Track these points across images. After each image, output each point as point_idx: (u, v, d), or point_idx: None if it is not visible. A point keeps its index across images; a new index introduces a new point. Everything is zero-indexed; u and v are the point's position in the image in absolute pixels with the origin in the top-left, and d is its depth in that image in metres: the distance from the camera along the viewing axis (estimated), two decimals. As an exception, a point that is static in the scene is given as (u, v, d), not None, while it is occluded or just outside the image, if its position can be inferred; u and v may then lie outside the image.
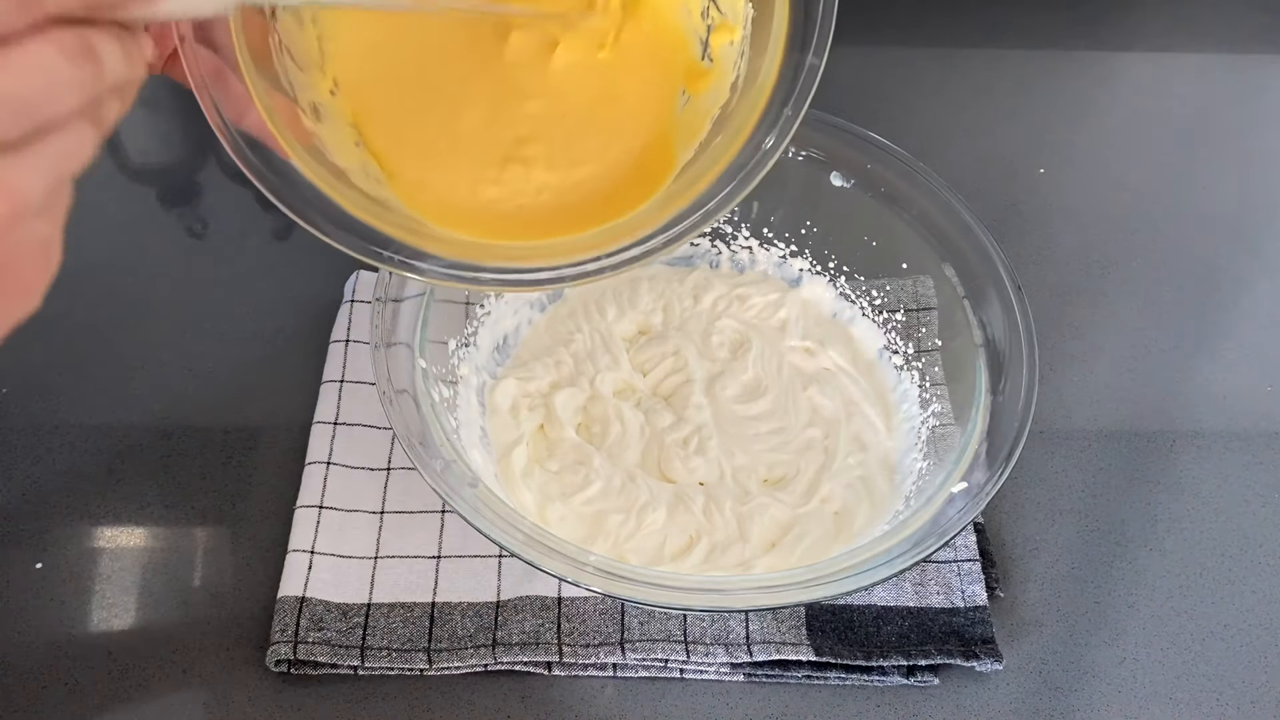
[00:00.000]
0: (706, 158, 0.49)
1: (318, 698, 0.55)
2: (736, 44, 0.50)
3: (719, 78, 0.50)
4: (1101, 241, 0.76)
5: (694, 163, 0.49)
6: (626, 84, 0.51)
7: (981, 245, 0.62)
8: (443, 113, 0.49)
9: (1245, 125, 0.85)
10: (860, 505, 0.60)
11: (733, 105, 0.49)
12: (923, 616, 0.57)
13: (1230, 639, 0.58)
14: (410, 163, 0.49)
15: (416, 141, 0.49)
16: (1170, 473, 0.65)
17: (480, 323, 0.64)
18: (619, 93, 0.50)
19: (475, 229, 0.49)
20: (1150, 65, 0.89)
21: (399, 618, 0.56)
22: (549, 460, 0.62)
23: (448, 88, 0.50)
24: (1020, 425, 0.55)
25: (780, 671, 0.55)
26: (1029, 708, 0.55)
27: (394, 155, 0.49)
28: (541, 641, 0.55)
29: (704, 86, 0.51)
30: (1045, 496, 0.63)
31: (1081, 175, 0.81)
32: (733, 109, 0.49)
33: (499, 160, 0.49)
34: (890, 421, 0.64)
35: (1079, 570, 0.60)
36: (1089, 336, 0.71)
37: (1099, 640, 0.58)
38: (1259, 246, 0.77)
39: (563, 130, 0.50)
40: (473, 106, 0.49)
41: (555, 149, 0.49)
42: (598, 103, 0.50)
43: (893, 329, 0.66)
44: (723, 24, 0.50)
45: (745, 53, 0.49)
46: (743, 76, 0.49)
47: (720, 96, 0.50)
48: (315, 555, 0.58)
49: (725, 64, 0.50)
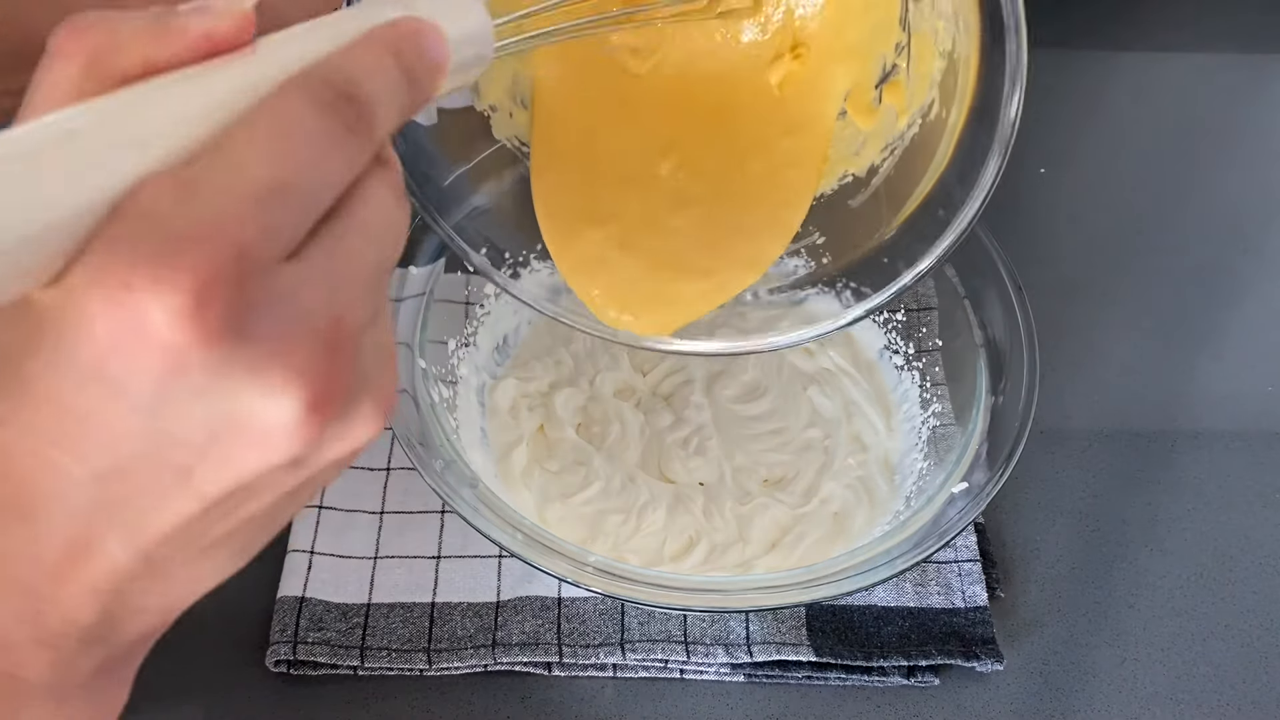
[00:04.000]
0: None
1: (317, 698, 0.55)
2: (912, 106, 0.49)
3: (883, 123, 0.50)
4: (1101, 241, 0.76)
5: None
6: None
7: (981, 245, 0.62)
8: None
9: (1245, 125, 0.85)
10: (860, 506, 0.60)
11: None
12: (923, 617, 0.57)
13: (1231, 639, 0.58)
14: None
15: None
16: (1171, 473, 0.65)
17: (480, 323, 0.64)
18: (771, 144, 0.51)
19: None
20: (1150, 65, 0.89)
21: (399, 618, 0.56)
22: (549, 461, 0.62)
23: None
24: (1021, 425, 0.55)
25: (780, 672, 0.55)
26: (1030, 708, 0.55)
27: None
28: (541, 642, 0.55)
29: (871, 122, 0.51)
30: (1046, 496, 0.63)
31: (1081, 175, 0.81)
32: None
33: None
34: (890, 422, 0.64)
35: (1079, 570, 0.60)
36: (1089, 336, 0.71)
37: (1100, 640, 0.58)
38: (1259, 246, 0.77)
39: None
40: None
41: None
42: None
43: (893, 329, 0.66)
44: (898, 83, 0.50)
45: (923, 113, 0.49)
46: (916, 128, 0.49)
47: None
48: (315, 555, 0.58)
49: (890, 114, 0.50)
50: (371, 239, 0.26)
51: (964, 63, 0.46)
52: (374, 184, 0.27)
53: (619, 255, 0.50)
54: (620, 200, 0.51)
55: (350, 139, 0.25)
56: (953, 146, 0.47)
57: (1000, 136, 0.44)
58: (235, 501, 0.26)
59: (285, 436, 0.25)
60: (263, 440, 0.25)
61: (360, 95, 0.26)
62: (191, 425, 0.24)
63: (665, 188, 0.51)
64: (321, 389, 0.25)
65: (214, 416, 0.24)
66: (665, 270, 0.50)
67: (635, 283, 0.50)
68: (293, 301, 0.24)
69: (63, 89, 0.25)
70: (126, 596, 0.27)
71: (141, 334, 0.23)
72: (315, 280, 0.25)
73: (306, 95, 0.25)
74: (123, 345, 0.23)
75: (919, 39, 0.48)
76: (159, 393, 0.24)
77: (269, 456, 0.25)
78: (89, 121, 0.24)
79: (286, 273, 0.24)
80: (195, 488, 0.25)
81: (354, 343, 0.26)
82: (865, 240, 0.52)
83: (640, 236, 0.51)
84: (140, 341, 0.23)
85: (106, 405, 0.24)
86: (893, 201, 0.51)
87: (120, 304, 0.23)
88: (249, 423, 0.25)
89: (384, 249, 0.27)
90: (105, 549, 0.26)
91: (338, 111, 0.25)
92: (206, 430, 0.25)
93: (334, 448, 0.27)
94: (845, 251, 0.53)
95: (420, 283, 0.60)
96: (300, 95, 0.25)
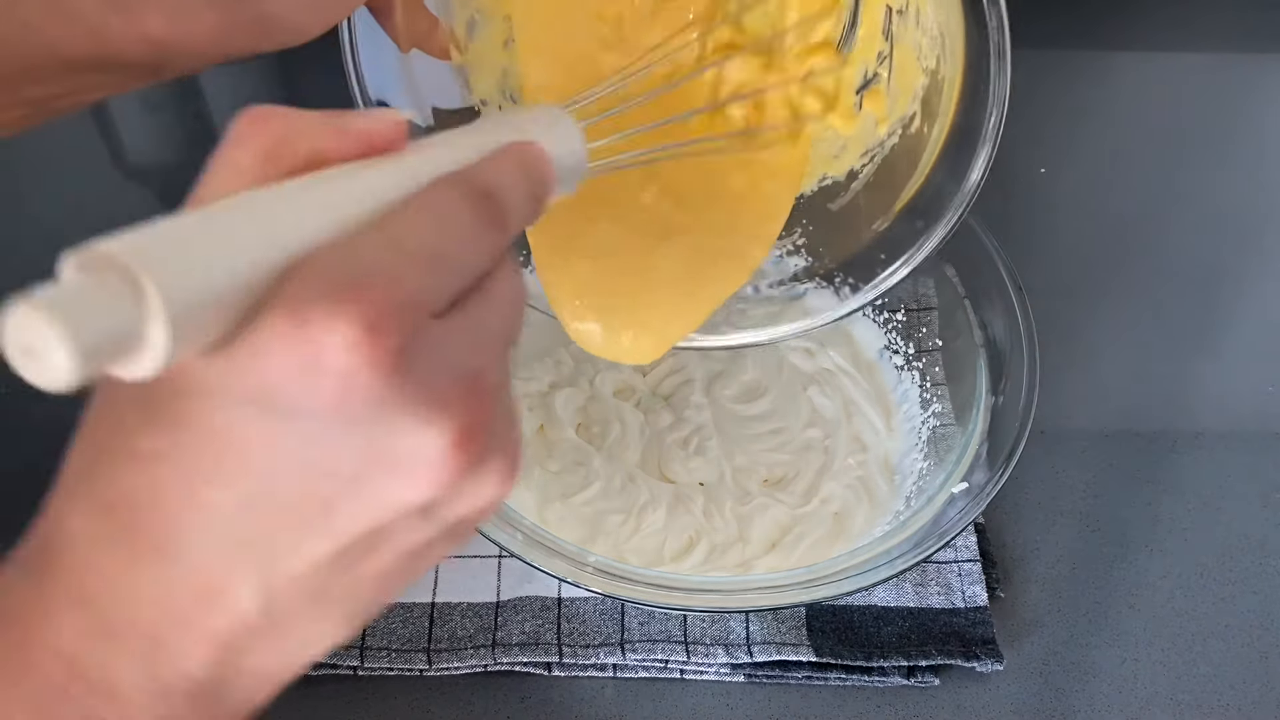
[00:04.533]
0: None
1: (317, 698, 0.55)
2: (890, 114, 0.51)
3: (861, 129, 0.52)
4: (1101, 241, 0.76)
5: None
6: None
7: (981, 245, 0.62)
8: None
9: (1245, 125, 0.85)
10: (860, 506, 0.60)
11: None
12: (923, 617, 0.57)
13: (1231, 639, 0.58)
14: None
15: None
16: (1170, 473, 0.65)
17: (480, 323, 0.64)
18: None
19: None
20: (1150, 65, 0.89)
21: (398, 618, 0.56)
22: (549, 461, 0.62)
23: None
24: (1021, 425, 0.55)
25: (780, 672, 0.55)
26: (1030, 708, 0.55)
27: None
28: (541, 642, 0.55)
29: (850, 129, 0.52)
30: (1046, 497, 0.63)
31: (1081, 175, 0.81)
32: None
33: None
34: (890, 422, 0.64)
35: (1079, 571, 0.60)
36: (1089, 336, 0.71)
37: (1100, 641, 0.58)
38: (1259, 247, 0.77)
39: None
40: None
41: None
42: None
43: (893, 329, 0.66)
44: (877, 91, 0.51)
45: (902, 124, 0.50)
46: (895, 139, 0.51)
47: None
48: (315, 556, 0.58)
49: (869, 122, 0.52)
50: (502, 313, 0.30)
51: (948, 82, 0.47)
52: (504, 269, 0.30)
53: (609, 288, 0.52)
54: (608, 233, 0.52)
55: (491, 230, 0.29)
56: (933, 161, 0.48)
57: (978, 160, 0.46)
58: (366, 547, 0.28)
59: (427, 473, 0.27)
60: (406, 475, 0.27)
61: (499, 196, 0.30)
62: (343, 457, 0.26)
63: (650, 215, 0.52)
64: (467, 426, 0.27)
65: (367, 448, 0.26)
66: (654, 295, 0.52)
67: (625, 312, 0.51)
68: (445, 350, 0.27)
69: (243, 171, 0.28)
70: (241, 653, 0.28)
71: (315, 361, 0.25)
72: (462, 337, 0.28)
73: (456, 189, 0.29)
74: (296, 373, 0.25)
75: (901, 51, 0.49)
76: (321, 421, 0.26)
77: (409, 494, 0.27)
78: (268, 200, 0.27)
79: (438, 326, 0.27)
80: (334, 526, 0.27)
81: (493, 397, 0.28)
82: (848, 243, 0.53)
83: (628, 268, 0.52)
84: (313, 369, 0.25)
85: (270, 434, 0.26)
86: (872, 208, 0.52)
87: (297, 337, 0.25)
88: (398, 454, 0.26)
89: (511, 322, 0.30)
90: (234, 593, 0.27)
91: (483, 207, 0.29)
92: (357, 463, 0.26)
93: (464, 501, 0.29)
94: (831, 251, 0.54)
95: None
96: (451, 189, 0.29)
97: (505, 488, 0.29)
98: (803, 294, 0.58)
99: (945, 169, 0.48)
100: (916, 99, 0.49)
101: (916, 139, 0.49)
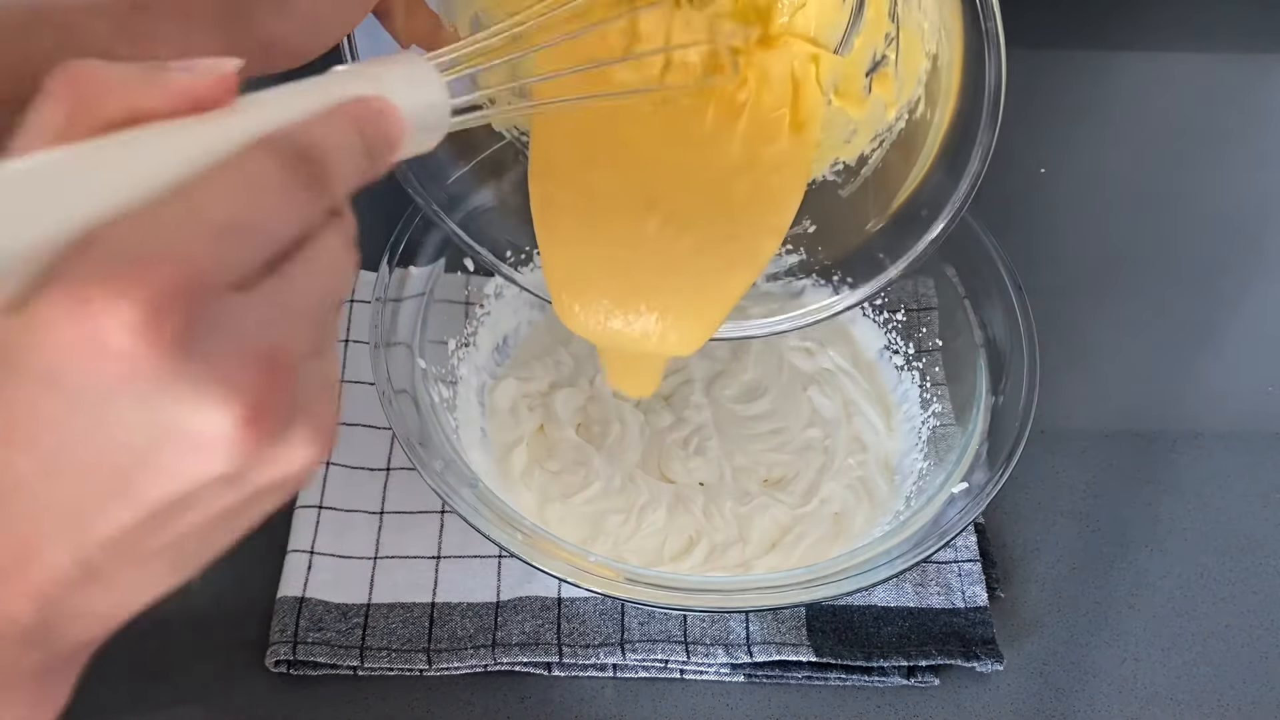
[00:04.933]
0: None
1: (317, 698, 0.55)
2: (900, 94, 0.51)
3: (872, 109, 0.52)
4: (1101, 241, 0.76)
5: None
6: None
7: (981, 245, 0.62)
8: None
9: (1245, 125, 0.85)
10: (860, 506, 0.60)
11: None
12: (923, 617, 0.57)
13: (1231, 639, 0.58)
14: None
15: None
16: (1171, 473, 0.65)
17: (480, 323, 0.64)
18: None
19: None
20: (1150, 65, 0.89)
21: (398, 618, 0.56)
22: (549, 460, 0.62)
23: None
24: (1021, 425, 0.55)
25: (780, 672, 0.55)
26: (1030, 708, 0.55)
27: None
28: (541, 642, 0.55)
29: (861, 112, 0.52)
30: (1046, 497, 0.63)
31: (1081, 175, 0.81)
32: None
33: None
34: (890, 422, 0.64)
35: (1079, 571, 0.60)
36: (1089, 336, 0.71)
37: (1100, 641, 0.58)
38: (1259, 246, 0.77)
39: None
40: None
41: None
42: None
43: (893, 329, 0.66)
44: (885, 74, 0.51)
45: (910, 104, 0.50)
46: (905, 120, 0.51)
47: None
48: (315, 555, 0.58)
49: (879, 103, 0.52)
50: (318, 279, 0.29)
51: (947, 68, 0.47)
52: (326, 233, 0.29)
53: (623, 294, 0.52)
54: (617, 235, 0.53)
55: (305, 193, 0.28)
56: (937, 147, 0.48)
57: (980, 144, 0.46)
58: (173, 512, 0.28)
59: (220, 448, 0.27)
60: (199, 450, 0.27)
61: (320, 158, 0.29)
62: (135, 433, 0.26)
63: (659, 216, 0.52)
64: (256, 405, 0.27)
65: (156, 425, 0.26)
66: (680, 288, 0.52)
67: (651, 306, 0.52)
68: (237, 325, 0.27)
69: (49, 129, 0.27)
70: (65, 602, 0.28)
71: (96, 343, 0.25)
72: (260, 309, 0.27)
73: (271, 152, 0.28)
74: (78, 353, 0.25)
75: (907, 34, 0.49)
76: (108, 399, 0.26)
77: (205, 468, 0.27)
78: (63, 162, 0.26)
79: (235, 300, 0.27)
80: (136, 495, 0.27)
81: (292, 370, 0.28)
82: (856, 231, 0.53)
83: (639, 271, 0.52)
84: (95, 350, 0.25)
85: (60, 410, 0.26)
86: (880, 194, 0.52)
87: (78, 316, 0.25)
88: (187, 433, 0.26)
89: (330, 289, 0.30)
90: (49, 554, 0.27)
91: (297, 169, 0.28)
92: (148, 438, 0.26)
93: (270, 469, 0.29)
94: (837, 242, 0.54)
95: (420, 283, 0.60)
96: (265, 152, 0.28)
97: (313, 453, 0.29)
98: (800, 292, 0.59)
99: (948, 155, 0.48)
100: (921, 83, 0.49)
101: (921, 124, 0.49)
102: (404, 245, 0.60)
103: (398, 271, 0.59)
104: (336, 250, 0.30)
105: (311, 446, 0.29)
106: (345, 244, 0.30)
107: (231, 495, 0.29)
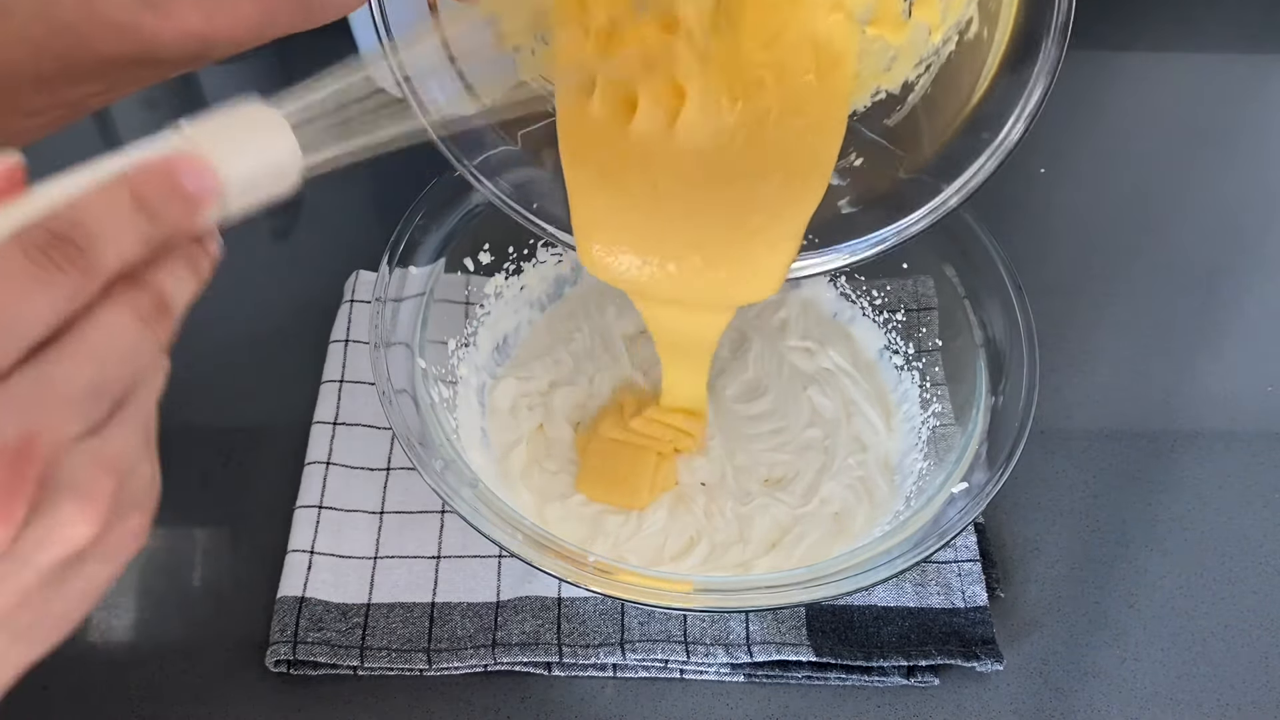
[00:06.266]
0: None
1: (317, 698, 0.55)
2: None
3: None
4: (1101, 241, 0.76)
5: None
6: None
7: (981, 245, 0.62)
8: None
9: (1245, 125, 0.85)
10: (860, 506, 0.60)
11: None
12: (923, 617, 0.57)
13: (1231, 639, 0.58)
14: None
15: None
16: (1170, 473, 0.65)
17: (480, 323, 0.64)
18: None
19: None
20: (1150, 65, 0.89)
21: (398, 618, 0.56)
22: (548, 460, 0.62)
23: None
24: (1021, 425, 0.55)
25: (780, 672, 0.55)
26: (1030, 708, 0.55)
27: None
28: (541, 642, 0.55)
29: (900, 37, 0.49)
30: (1046, 496, 0.63)
31: (1081, 175, 0.81)
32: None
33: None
34: (890, 422, 0.64)
35: (1079, 570, 0.60)
36: (1089, 336, 0.71)
37: (1100, 640, 0.58)
38: (1259, 246, 0.77)
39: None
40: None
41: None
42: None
43: (893, 329, 0.66)
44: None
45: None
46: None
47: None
48: (315, 555, 0.58)
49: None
50: (86, 360, 0.29)
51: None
52: (104, 310, 0.29)
53: (683, 247, 0.52)
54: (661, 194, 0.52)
55: (60, 276, 0.28)
56: (995, 67, 0.46)
57: (1044, 65, 0.44)
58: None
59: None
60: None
61: (78, 236, 0.28)
62: None
63: (703, 171, 0.51)
64: (4, 491, 0.27)
65: None
66: (734, 244, 0.52)
67: (726, 256, 0.52)
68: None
69: None
70: None
71: None
72: (10, 402, 0.27)
73: (18, 241, 0.27)
74: None
75: None
76: None
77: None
78: None
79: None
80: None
81: (45, 456, 0.28)
82: (905, 160, 0.51)
83: (697, 222, 0.52)
84: None
85: None
86: (934, 120, 0.50)
87: None
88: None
89: (107, 367, 0.29)
90: None
91: (49, 254, 0.28)
92: None
93: (41, 551, 0.29)
94: (885, 173, 0.52)
95: (420, 283, 0.60)
96: (13, 242, 0.27)
97: (84, 530, 0.29)
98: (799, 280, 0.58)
99: (1008, 75, 0.45)
100: (973, 2, 0.46)
101: (976, 45, 0.47)
102: (404, 245, 0.60)
103: (398, 271, 0.59)
104: (112, 326, 0.29)
105: (80, 524, 0.29)
106: (131, 317, 0.30)
107: (25, 573, 0.29)
